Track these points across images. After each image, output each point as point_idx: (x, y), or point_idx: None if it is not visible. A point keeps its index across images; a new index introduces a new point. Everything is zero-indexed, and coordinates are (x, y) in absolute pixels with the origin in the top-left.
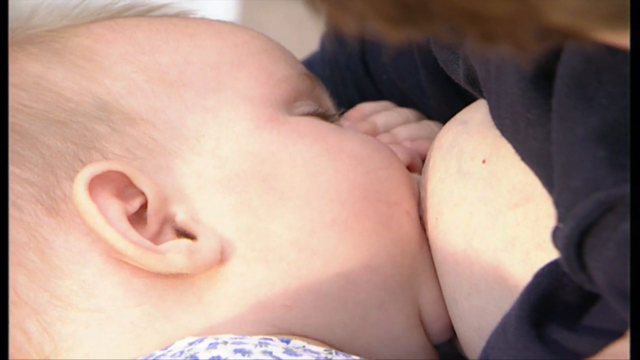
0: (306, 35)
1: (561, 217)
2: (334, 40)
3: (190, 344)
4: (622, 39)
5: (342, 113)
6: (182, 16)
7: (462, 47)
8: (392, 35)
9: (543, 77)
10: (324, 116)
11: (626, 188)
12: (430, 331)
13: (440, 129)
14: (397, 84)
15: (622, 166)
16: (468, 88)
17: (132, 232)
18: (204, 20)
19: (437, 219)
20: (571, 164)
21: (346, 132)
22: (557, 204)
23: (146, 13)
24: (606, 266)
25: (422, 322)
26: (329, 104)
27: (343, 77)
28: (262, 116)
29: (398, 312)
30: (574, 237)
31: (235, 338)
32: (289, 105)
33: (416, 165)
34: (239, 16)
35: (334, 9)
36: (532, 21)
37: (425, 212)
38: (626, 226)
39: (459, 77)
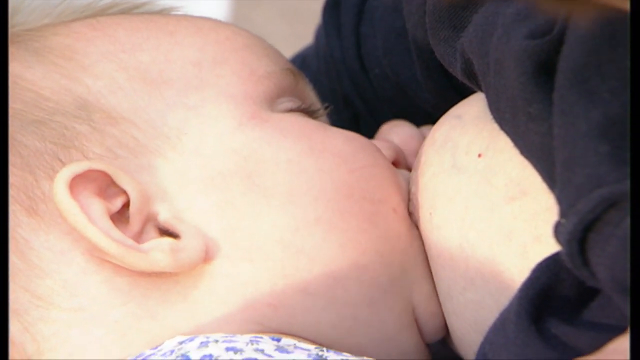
0: (299, 30)
1: (564, 213)
2: (329, 34)
3: (181, 343)
4: None
5: (327, 107)
6: (164, 13)
7: (460, 41)
8: None
9: (544, 71)
10: (308, 112)
11: (629, 183)
12: (424, 330)
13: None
14: (390, 78)
15: (624, 161)
16: (465, 81)
17: (115, 231)
18: (185, 17)
19: (430, 213)
20: (574, 159)
21: (330, 129)
22: (560, 199)
23: (129, 11)
24: (609, 262)
25: (415, 321)
26: (313, 98)
27: (338, 72)
28: (245, 113)
29: (389, 310)
30: (577, 233)
31: (226, 336)
32: (272, 102)
33: (402, 161)
34: (232, 11)
35: None
36: None
37: (418, 208)
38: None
39: (457, 71)
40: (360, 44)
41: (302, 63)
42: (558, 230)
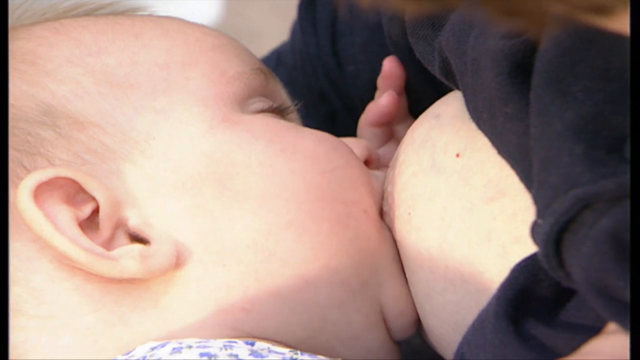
0: (289, 26)
1: (540, 214)
2: (304, 31)
3: (153, 348)
4: None
5: (297, 104)
6: (129, 15)
7: (438, 40)
8: (409, 8)
9: (521, 71)
10: (279, 110)
11: (604, 184)
12: (392, 328)
13: None
14: (366, 74)
15: (598, 161)
16: (443, 80)
17: (83, 239)
18: (151, 18)
19: (409, 214)
20: (549, 159)
21: (301, 130)
22: (536, 199)
23: (94, 12)
24: (584, 263)
25: (384, 320)
26: (283, 97)
27: (314, 68)
28: (216, 116)
29: (357, 311)
30: (553, 234)
31: (200, 342)
32: (243, 103)
33: (374, 159)
34: (224, 7)
35: None
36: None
37: (394, 208)
38: (604, 222)
39: (435, 69)
40: (335, 41)
41: (278, 59)
42: (535, 231)
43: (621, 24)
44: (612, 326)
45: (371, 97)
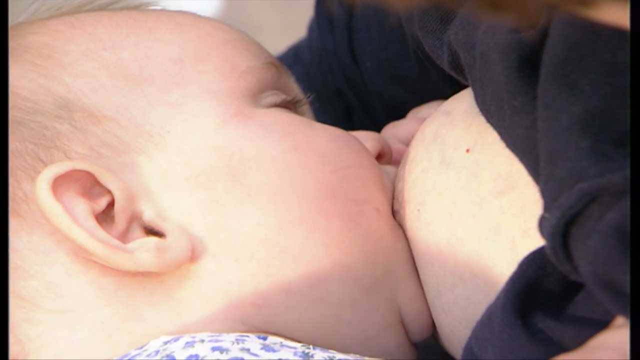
0: (292, 20)
1: (547, 207)
2: (321, 28)
3: (166, 343)
4: (625, 16)
5: (309, 97)
6: (142, 9)
7: (447, 34)
8: (400, 3)
9: (529, 65)
10: (292, 103)
11: (610, 178)
12: (410, 329)
13: None
14: (384, 71)
15: (605, 155)
16: (452, 73)
17: (100, 231)
18: (164, 12)
19: (419, 210)
20: (556, 153)
21: (314, 126)
22: (543, 193)
23: (107, 6)
24: (590, 257)
25: (401, 321)
26: (296, 90)
27: (331, 64)
28: (229, 110)
29: (373, 311)
30: (560, 227)
31: (212, 336)
32: (255, 97)
33: (387, 153)
34: (224, 1)
35: None
36: None
37: (405, 205)
38: (610, 216)
39: (444, 63)
40: (352, 37)
41: (295, 56)
42: (542, 224)
43: (604, 14)
44: (619, 320)
45: (389, 94)
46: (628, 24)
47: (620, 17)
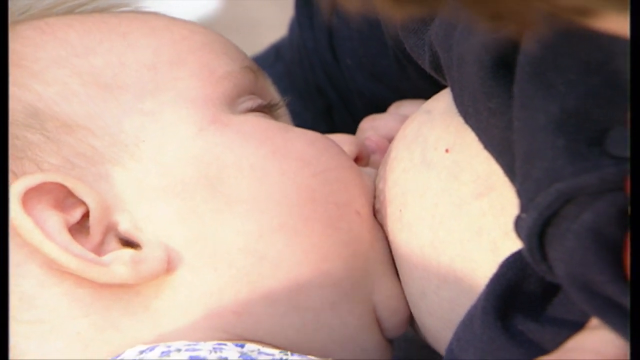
0: (290, 16)
1: (524, 207)
2: (301, 25)
3: (141, 352)
4: (625, 25)
5: (286, 100)
6: (115, 13)
7: (428, 33)
8: (395, 12)
9: (503, 66)
10: (269, 107)
11: (586, 178)
12: (385, 326)
13: None
14: (363, 68)
15: (580, 155)
16: (432, 74)
17: (74, 245)
18: (136, 16)
19: (401, 211)
20: (532, 153)
21: (292, 130)
22: (520, 193)
23: (77, 8)
24: (566, 257)
25: (377, 319)
26: (273, 93)
27: (311, 62)
28: (205, 118)
29: (350, 312)
30: (536, 228)
31: (189, 345)
32: (232, 102)
33: (365, 156)
34: None
35: None
36: (544, 1)
37: (386, 205)
38: (586, 216)
39: (425, 63)
40: (332, 35)
41: (277, 54)
42: (518, 225)
43: (606, 24)
44: (595, 321)
45: (369, 91)
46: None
47: (620, 26)
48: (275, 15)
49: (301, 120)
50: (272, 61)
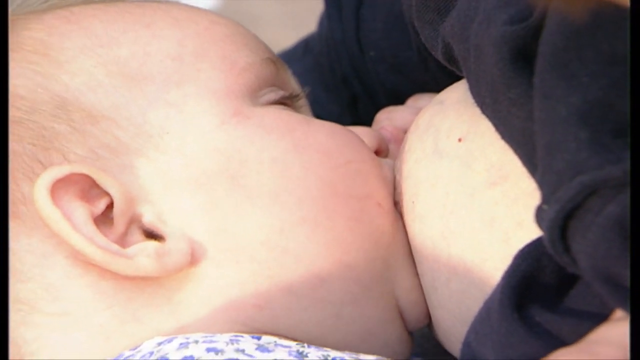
0: (291, 9)
1: (545, 199)
2: (330, 16)
3: (159, 344)
4: None
5: (307, 91)
6: (137, 3)
7: (443, 25)
8: None
9: (522, 57)
10: (290, 98)
11: (610, 170)
12: (407, 319)
13: None
14: (386, 60)
15: (604, 147)
16: (446, 64)
17: (100, 237)
18: (159, 6)
19: (413, 202)
20: (554, 144)
21: (313, 122)
22: (541, 184)
23: None
24: (590, 249)
25: (400, 312)
26: (293, 85)
27: (339, 53)
28: (227, 110)
29: (373, 306)
30: (558, 220)
31: (206, 337)
32: (254, 94)
33: (384, 148)
34: None
35: None
36: None
37: (402, 197)
38: (610, 209)
39: (438, 54)
40: (359, 27)
41: (306, 47)
42: (540, 216)
43: None
44: (618, 313)
45: (390, 83)
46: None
47: None
48: (275, 11)
49: (327, 112)
50: (300, 54)
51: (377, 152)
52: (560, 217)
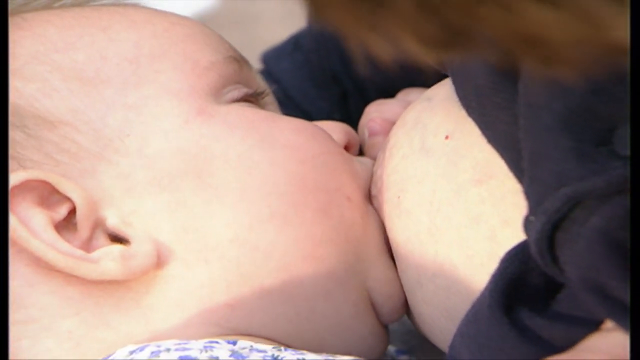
0: (291, 9)
1: (532, 211)
2: None
3: (131, 352)
4: None
5: (272, 88)
6: (93, 5)
7: None
8: (430, 57)
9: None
10: (255, 96)
11: (594, 181)
12: (381, 312)
13: None
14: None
15: (587, 156)
16: (435, 66)
17: (61, 243)
18: (117, 10)
19: (399, 197)
20: (539, 153)
21: (278, 119)
22: (528, 194)
23: (55, 2)
24: (577, 260)
25: (372, 305)
26: (259, 82)
27: (328, 49)
28: (191, 109)
29: (344, 300)
30: (545, 232)
31: (179, 344)
32: (217, 93)
33: (354, 145)
34: None
35: (364, 32)
36: (598, 43)
37: (383, 191)
38: (594, 221)
39: None
40: None
41: (295, 44)
42: (527, 228)
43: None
44: (609, 323)
45: (380, 78)
46: None
47: None
48: (274, 9)
49: (317, 108)
50: (290, 51)
51: (347, 147)
52: (547, 229)
